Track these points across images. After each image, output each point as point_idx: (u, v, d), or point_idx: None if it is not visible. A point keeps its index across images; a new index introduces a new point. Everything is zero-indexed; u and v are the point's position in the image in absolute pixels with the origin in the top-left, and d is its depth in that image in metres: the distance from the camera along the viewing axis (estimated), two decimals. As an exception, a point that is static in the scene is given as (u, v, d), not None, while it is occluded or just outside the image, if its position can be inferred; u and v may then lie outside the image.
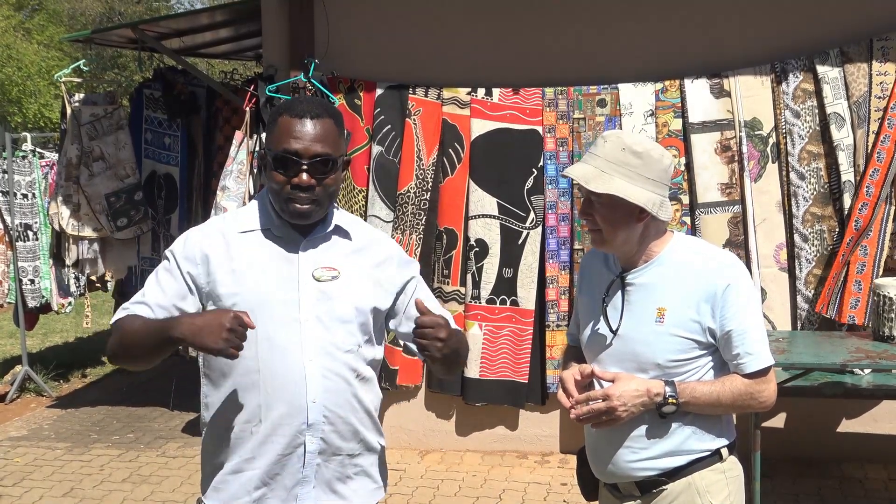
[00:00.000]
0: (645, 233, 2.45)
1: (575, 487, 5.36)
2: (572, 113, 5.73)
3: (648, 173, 2.39)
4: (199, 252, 2.38)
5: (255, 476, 2.36)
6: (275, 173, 2.31)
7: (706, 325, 2.40)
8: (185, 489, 5.56)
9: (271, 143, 2.33)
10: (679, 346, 2.41)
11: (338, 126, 2.36)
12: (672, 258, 2.47)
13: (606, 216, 2.42)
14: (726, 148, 5.52)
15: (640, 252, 2.48)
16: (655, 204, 2.39)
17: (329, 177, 2.32)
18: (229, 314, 2.13)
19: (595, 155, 2.43)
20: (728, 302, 2.38)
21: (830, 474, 5.52)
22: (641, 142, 2.43)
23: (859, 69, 5.37)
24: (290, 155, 2.28)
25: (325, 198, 2.34)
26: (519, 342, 5.81)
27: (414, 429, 6.10)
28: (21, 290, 7.76)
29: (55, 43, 22.78)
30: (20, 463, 6.05)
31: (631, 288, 2.49)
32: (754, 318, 2.43)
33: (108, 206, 6.80)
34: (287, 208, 2.32)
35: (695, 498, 2.46)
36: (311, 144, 2.28)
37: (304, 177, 2.28)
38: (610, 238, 2.45)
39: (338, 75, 5.83)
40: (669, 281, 2.44)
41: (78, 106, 6.82)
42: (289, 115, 2.31)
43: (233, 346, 2.12)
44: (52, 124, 20.34)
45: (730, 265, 2.45)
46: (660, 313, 2.42)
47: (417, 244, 5.82)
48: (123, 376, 8.46)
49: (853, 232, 5.26)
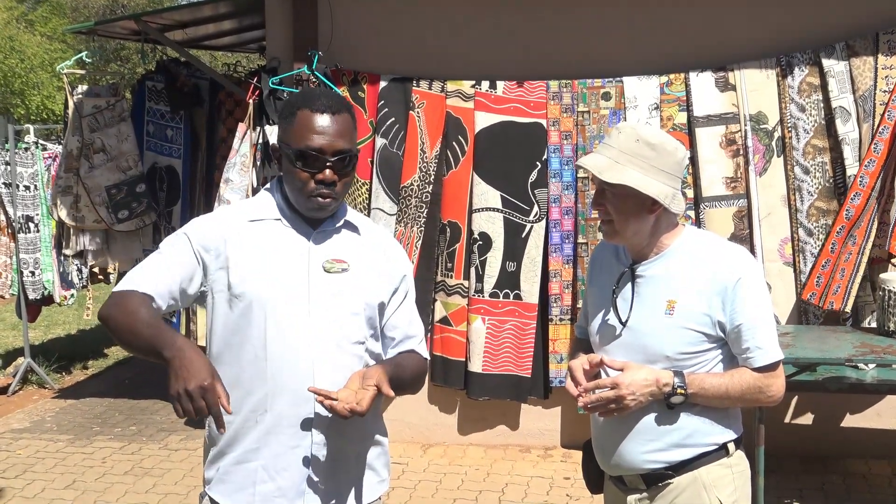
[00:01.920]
0: (657, 225, 2.45)
1: (578, 482, 5.37)
2: (576, 106, 5.70)
3: (662, 165, 2.39)
4: (213, 238, 2.36)
5: (261, 467, 2.35)
6: (298, 170, 2.30)
7: (716, 319, 2.39)
8: (187, 482, 5.55)
9: (291, 138, 2.32)
10: (688, 339, 2.40)
11: (353, 119, 2.38)
12: (683, 251, 2.47)
13: (619, 207, 2.42)
14: (731, 142, 5.50)
15: (652, 244, 2.47)
16: (668, 196, 2.39)
17: (349, 172, 2.35)
18: (207, 382, 2.06)
19: (609, 146, 2.43)
20: (739, 296, 2.37)
21: (834, 470, 5.51)
22: (656, 134, 2.43)
23: (865, 63, 5.35)
24: (314, 151, 2.28)
25: (343, 192, 2.36)
26: (522, 336, 5.79)
27: (417, 423, 6.09)
28: (22, 283, 7.76)
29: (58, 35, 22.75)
30: (22, 455, 6.05)
31: (641, 280, 2.48)
32: (765, 312, 2.42)
33: (108, 198, 6.78)
34: (310, 204, 2.32)
35: (701, 492, 2.45)
36: (334, 141, 2.29)
37: (328, 173, 2.29)
38: (621, 229, 2.44)
39: (341, 68, 5.81)
40: (680, 273, 2.43)
41: (80, 98, 6.80)
42: (309, 110, 2.30)
43: (183, 407, 2.05)
44: (55, 116, 20.32)
45: (742, 259, 2.44)
46: (670, 305, 2.41)
47: (419, 237, 5.80)
48: (126, 368, 8.46)
49: (843, 221, 5.23)
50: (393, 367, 2.40)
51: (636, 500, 2.53)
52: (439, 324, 5.86)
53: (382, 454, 2.54)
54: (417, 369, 2.53)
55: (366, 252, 2.46)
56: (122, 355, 8.95)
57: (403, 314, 2.52)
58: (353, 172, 2.38)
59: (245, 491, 2.36)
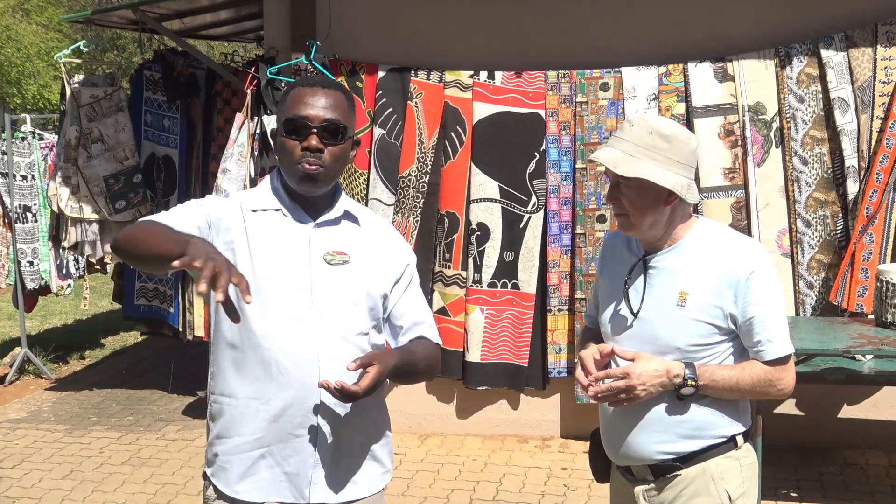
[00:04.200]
0: (672, 216, 2.45)
1: (576, 472, 5.39)
2: (575, 96, 5.69)
3: (676, 156, 2.38)
4: (221, 217, 2.37)
5: (265, 454, 2.35)
6: (286, 139, 2.33)
7: (728, 311, 2.39)
8: (184, 472, 5.55)
9: (283, 113, 2.36)
10: (700, 331, 2.40)
11: (348, 100, 2.40)
12: (696, 242, 2.46)
13: (634, 200, 2.41)
14: (729, 132, 5.50)
15: (666, 236, 2.47)
16: (684, 187, 2.39)
17: (338, 145, 2.34)
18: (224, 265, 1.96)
19: (622, 139, 2.42)
20: (751, 288, 2.37)
21: (832, 460, 5.52)
22: (669, 125, 2.42)
23: (864, 54, 5.34)
24: (301, 119, 2.31)
25: (333, 165, 2.35)
26: (520, 326, 5.80)
27: (414, 413, 6.09)
28: (20, 272, 7.75)
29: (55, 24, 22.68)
30: (19, 445, 6.05)
31: (653, 271, 2.48)
32: (776, 305, 2.43)
33: (106, 188, 6.76)
34: (296, 171, 2.33)
35: (709, 484, 2.45)
36: (322, 111, 2.32)
37: (313, 141, 2.30)
38: (638, 222, 2.44)
39: (339, 58, 5.80)
40: (692, 265, 2.43)
41: (78, 87, 6.77)
42: (301, 87, 2.37)
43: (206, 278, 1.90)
44: (52, 106, 20.27)
45: (755, 252, 2.45)
46: (681, 297, 2.41)
47: (415, 226, 5.79)
48: (123, 358, 8.46)
49: (864, 220, 5.23)
50: (402, 353, 2.42)
51: (643, 490, 2.53)
52: (437, 314, 5.85)
53: (386, 444, 2.54)
54: (430, 355, 2.54)
55: (366, 243, 2.46)
56: (119, 345, 8.95)
57: (410, 301, 2.52)
58: (344, 148, 2.37)
59: (250, 478, 2.37)
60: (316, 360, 2.32)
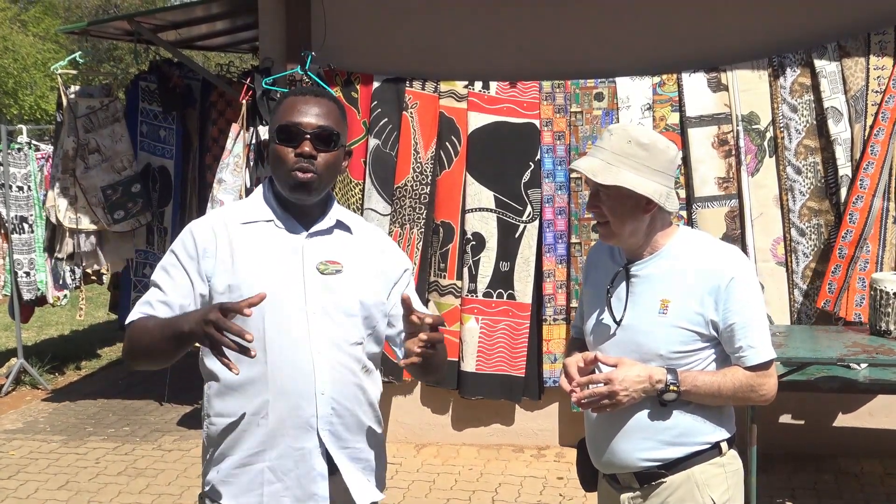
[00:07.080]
0: (652, 224, 2.47)
1: (571, 481, 5.39)
2: (569, 106, 5.71)
3: (655, 164, 2.41)
4: (202, 245, 2.37)
5: (266, 469, 2.35)
6: (279, 146, 2.35)
7: (709, 318, 2.41)
8: (180, 482, 5.55)
9: (276, 121, 2.38)
10: (681, 338, 2.42)
11: (340, 110, 2.43)
12: (677, 250, 2.49)
13: (614, 208, 2.44)
14: (723, 142, 5.52)
15: (646, 244, 2.50)
16: (662, 195, 2.41)
17: (331, 152, 2.36)
18: (214, 307, 2.10)
19: (601, 148, 2.45)
20: (732, 295, 2.39)
21: (826, 469, 5.52)
22: (647, 133, 2.45)
23: (857, 63, 5.37)
24: (294, 125, 2.33)
25: (325, 173, 2.36)
26: (515, 336, 5.80)
27: (410, 423, 6.09)
28: (16, 283, 7.75)
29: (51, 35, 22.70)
30: (15, 456, 6.04)
31: (635, 279, 2.50)
32: (757, 311, 2.44)
33: (104, 198, 6.77)
34: (290, 180, 2.34)
35: (694, 491, 2.46)
36: (315, 118, 2.35)
37: (306, 147, 2.32)
38: (618, 230, 2.46)
39: (334, 68, 5.81)
40: (674, 273, 2.46)
41: (74, 98, 6.78)
42: (293, 96, 2.41)
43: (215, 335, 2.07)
44: (48, 116, 20.27)
45: (734, 259, 2.47)
46: (663, 305, 2.43)
47: (419, 238, 5.80)
48: (119, 369, 8.45)
49: (849, 225, 5.26)
50: None
51: (629, 498, 2.55)
52: (433, 324, 5.85)
53: (382, 455, 2.55)
54: (444, 352, 2.56)
55: (359, 252, 2.47)
56: (115, 356, 8.94)
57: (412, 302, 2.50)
58: (336, 156, 2.39)
59: (252, 493, 2.37)
60: (311, 370, 2.32)
